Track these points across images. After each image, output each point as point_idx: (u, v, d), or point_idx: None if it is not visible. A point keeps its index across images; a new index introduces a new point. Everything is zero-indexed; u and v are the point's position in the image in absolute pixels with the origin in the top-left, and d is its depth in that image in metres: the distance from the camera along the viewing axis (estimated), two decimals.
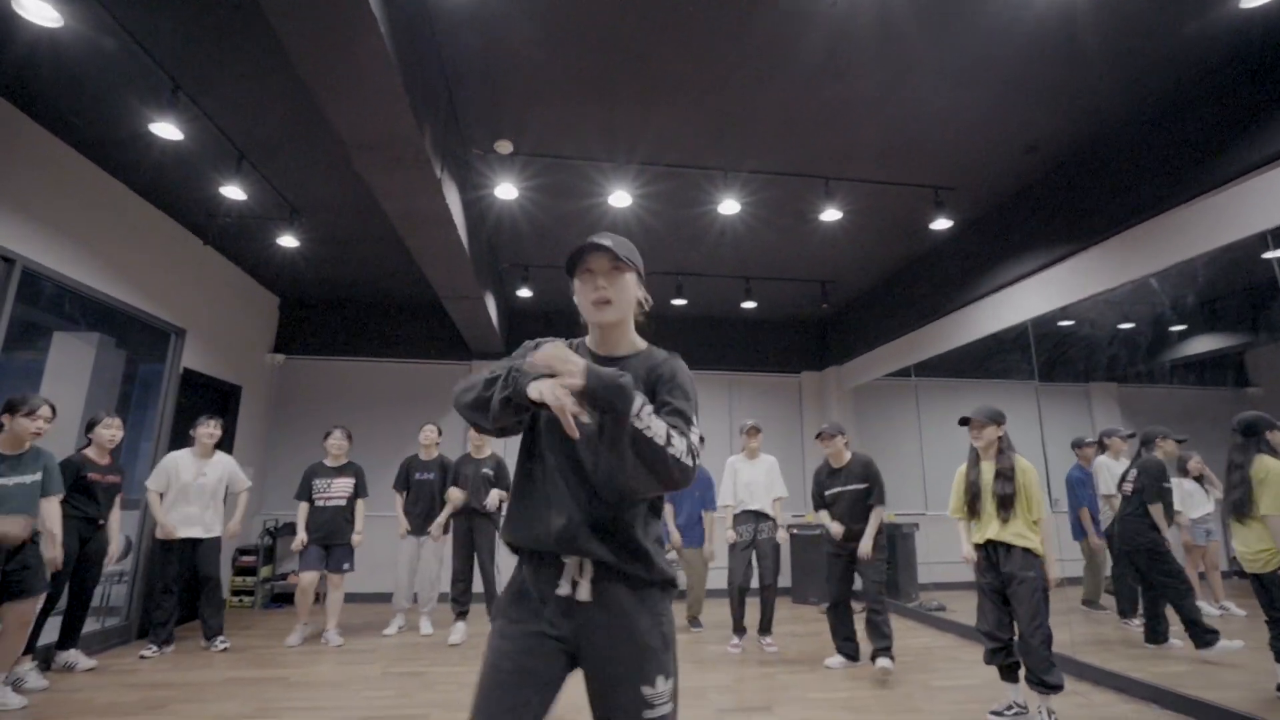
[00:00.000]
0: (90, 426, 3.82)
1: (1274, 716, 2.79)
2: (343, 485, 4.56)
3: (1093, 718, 3.04)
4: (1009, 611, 2.96)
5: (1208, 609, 4.65)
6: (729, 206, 4.11)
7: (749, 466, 4.49)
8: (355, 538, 4.55)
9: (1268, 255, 3.10)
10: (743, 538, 4.37)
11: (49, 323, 4.67)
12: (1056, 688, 2.81)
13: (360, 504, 4.61)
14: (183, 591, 4.21)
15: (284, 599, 5.77)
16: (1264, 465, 3.17)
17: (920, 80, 3.15)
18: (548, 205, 4.40)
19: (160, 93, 3.11)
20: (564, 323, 6.63)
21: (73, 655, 3.69)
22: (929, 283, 5.32)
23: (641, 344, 1.38)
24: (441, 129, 3.14)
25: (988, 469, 3.06)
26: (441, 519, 4.68)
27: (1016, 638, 2.93)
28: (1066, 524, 5.04)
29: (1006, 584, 2.94)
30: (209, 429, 4.29)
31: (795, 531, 6.39)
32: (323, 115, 3.05)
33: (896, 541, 6.01)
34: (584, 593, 1.19)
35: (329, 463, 4.62)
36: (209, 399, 5.40)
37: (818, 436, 4.07)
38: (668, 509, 4.81)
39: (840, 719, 3.00)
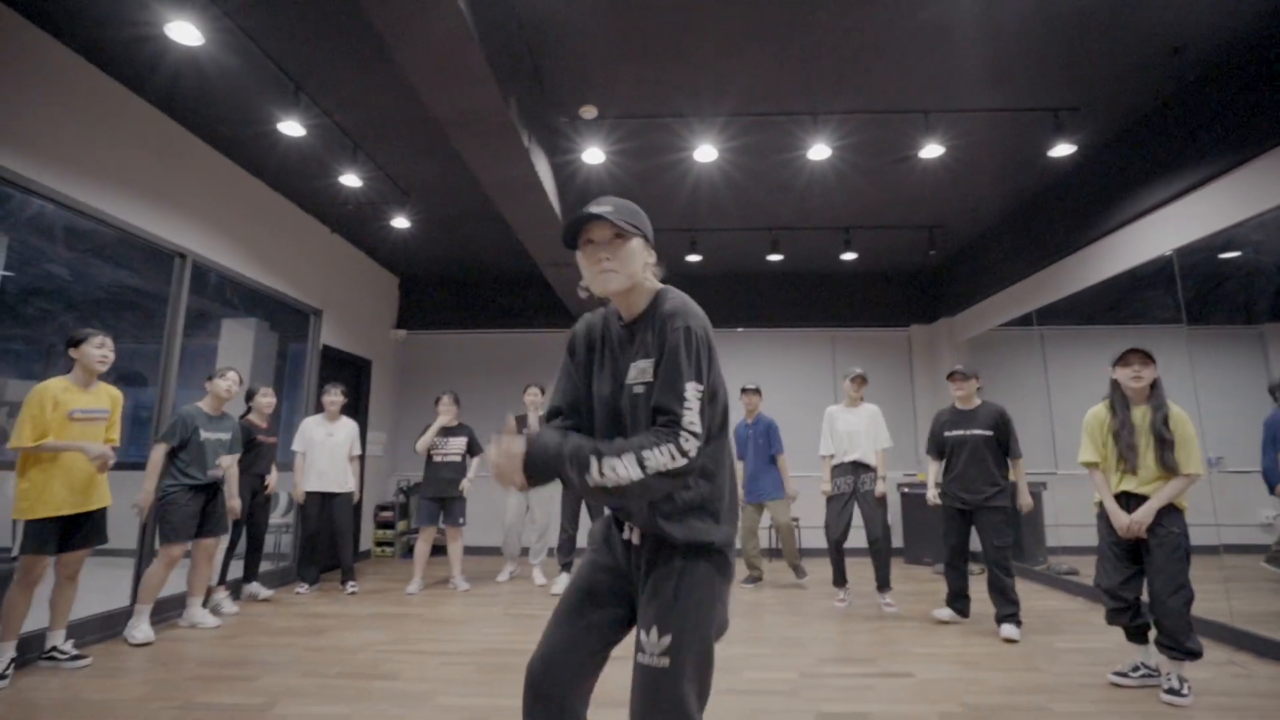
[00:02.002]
0: (250, 396, 4.43)
1: None
2: (457, 444, 4.93)
3: (1246, 688, 2.74)
4: (1135, 569, 2.71)
5: None
6: (819, 152, 3.95)
7: (849, 415, 4.34)
8: (465, 484, 4.86)
9: None
10: (841, 490, 4.27)
11: (217, 311, 5.43)
12: (1194, 654, 2.56)
13: (475, 461, 4.96)
14: (327, 540, 4.79)
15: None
16: None
17: None
18: (634, 166, 4.45)
19: (285, 94, 3.48)
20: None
21: (254, 587, 4.41)
22: (1050, 219, 4.83)
23: (653, 301, 1.33)
24: (526, 99, 3.26)
25: (1140, 414, 2.75)
26: None
27: (1149, 596, 2.68)
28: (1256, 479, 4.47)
29: (1144, 539, 2.68)
30: (332, 396, 4.81)
31: (907, 490, 6.16)
32: (418, 96, 3.26)
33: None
34: (636, 537, 1.30)
35: (442, 423, 4.99)
36: (345, 372, 6.03)
37: (950, 376, 3.88)
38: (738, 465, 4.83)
39: (950, 674, 2.92)
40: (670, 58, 3.31)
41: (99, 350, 2.99)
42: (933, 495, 4.00)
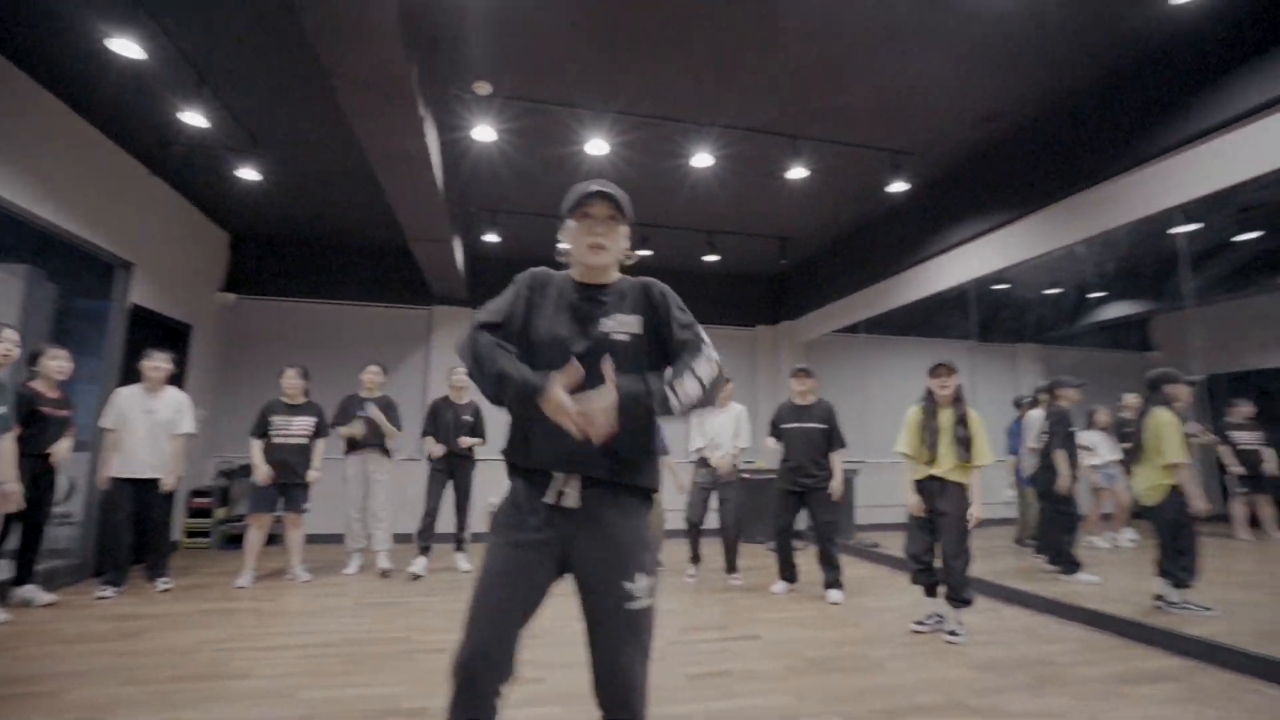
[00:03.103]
0: (34, 359, 3.68)
1: (1148, 619, 3.30)
2: (303, 424, 4.48)
3: (1000, 626, 3.51)
4: (935, 539, 3.35)
5: (1098, 543, 5.32)
6: (702, 160, 4.23)
7: (717, 414, 4.72)
8: (311, 474, 4.47)
9: (1173, 230, 3.49)
10: (703, 480, 4.64)
11: None
12: (969, 602, 3.25)
13: (321, 443, 4.56)
14: (137, 531, 4.13)
15: (239, 540, 5.72)
16: (1156, 418, 3.65)
17: (898, 47, 3.31)
18: (526, 149, 4.40)
19: (119, 7, 2.94)
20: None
21: (30, 590, 3.64)
22: (881, 243, 5.62)
23: (619, 275, 1.51)
24: (425, 66, 3.11)
25: (945, 415, 3.37)
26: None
27: (939, 561, 3.33)
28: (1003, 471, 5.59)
29: (939, 515, 3.31)
30: (154, 362, 4.09)
31: (746, 476, 6.78)
32: (309, 50, 2.98)
33: None
34: (571, 500, 1.33)
35: (286, 400, 4.51)
36: (159, 337, 5.20)
37: (795, 373, 4.32)
38: None
39: (790, 634, 3.35)
40: (572, 47, 3.34)
41: None
42: (771, 442, 4.39)
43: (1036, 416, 4.97)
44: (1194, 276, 3.51)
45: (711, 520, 4.71)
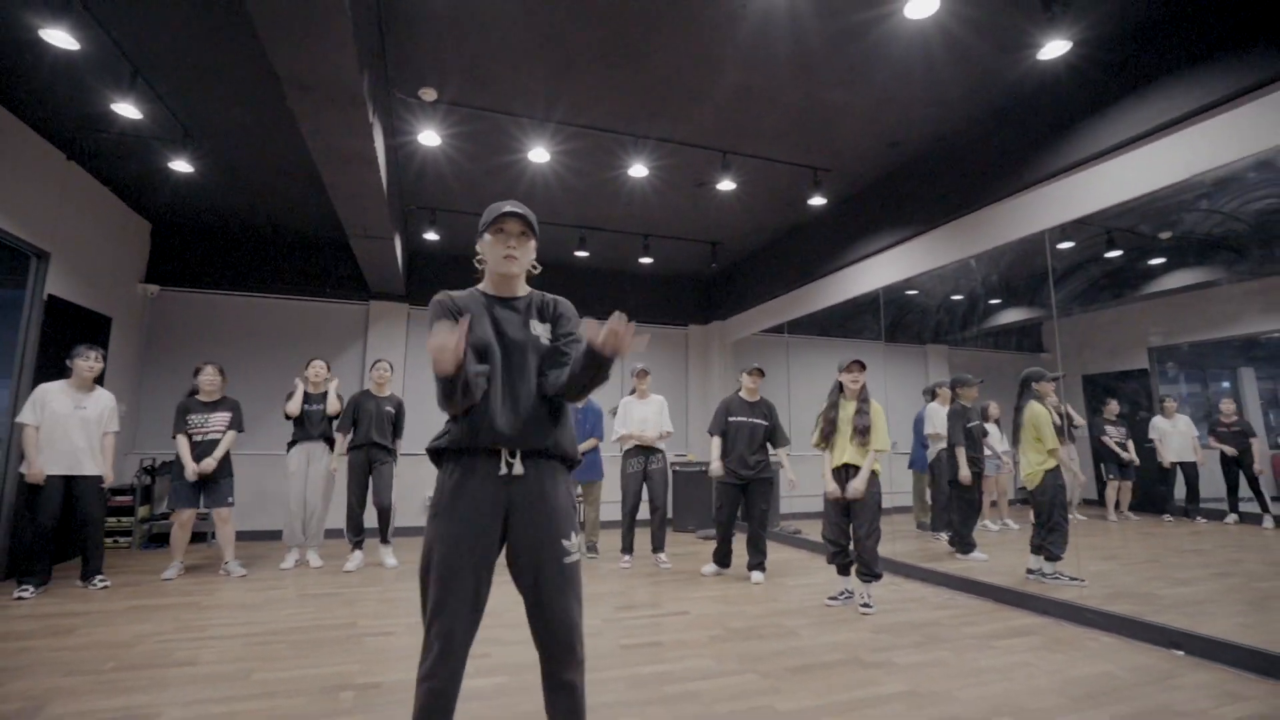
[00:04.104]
0: None
1: (1020, 587, 3.82)
2: (219, 420, 4.47)
3: (901, 597, 3.96)
4: (848, 522, 3.75)
5: (989, 526, 5.97)
6: (638, 170, 4.49)
7: (641, 405, 5.02)
8: (208, 462, 4.31)
9: (1061, 246, 4.04)
10: (634, 469, 4.92)
11: None
12: (878, 576, 3.65)
13: (230, 435, 4.49)
14: (63, 530, 4.03)
15: (163, 539, 5.58)
16: (1031, 410, 4.20)
17: (816, 77, 3.67)
18: (471, 154, 4.53)
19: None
20: (467, 268, 6.75)
21: None
22: (804, 251, 6.06)
23: (528, 289, 1.78)
24: (374, 73, 3.22)
25: (848, 407, 3.75)
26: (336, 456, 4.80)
27: (852, 542, 3.72)
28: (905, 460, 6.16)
29: (852, 499, 3.70)
30: (89, 361, 4.04)
31: (677, 468, 7.12)
32: (251, 47, 3.04)
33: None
34: (519, 469, 1.57)
35: (202, 398, 4.48)
36: (77, 329, 5.00)
37: (750, 371, 4.62)
38: None
39: (715, 609, 3.67)
40: (513, 58, 3.51)
41: None
42: (717, 468, 4.74)
43: (935, 409, 5.51)
44: (1065, 288, 4.07)
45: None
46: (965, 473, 4.79)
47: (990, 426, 5.68)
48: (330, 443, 4.82)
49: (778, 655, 2.87)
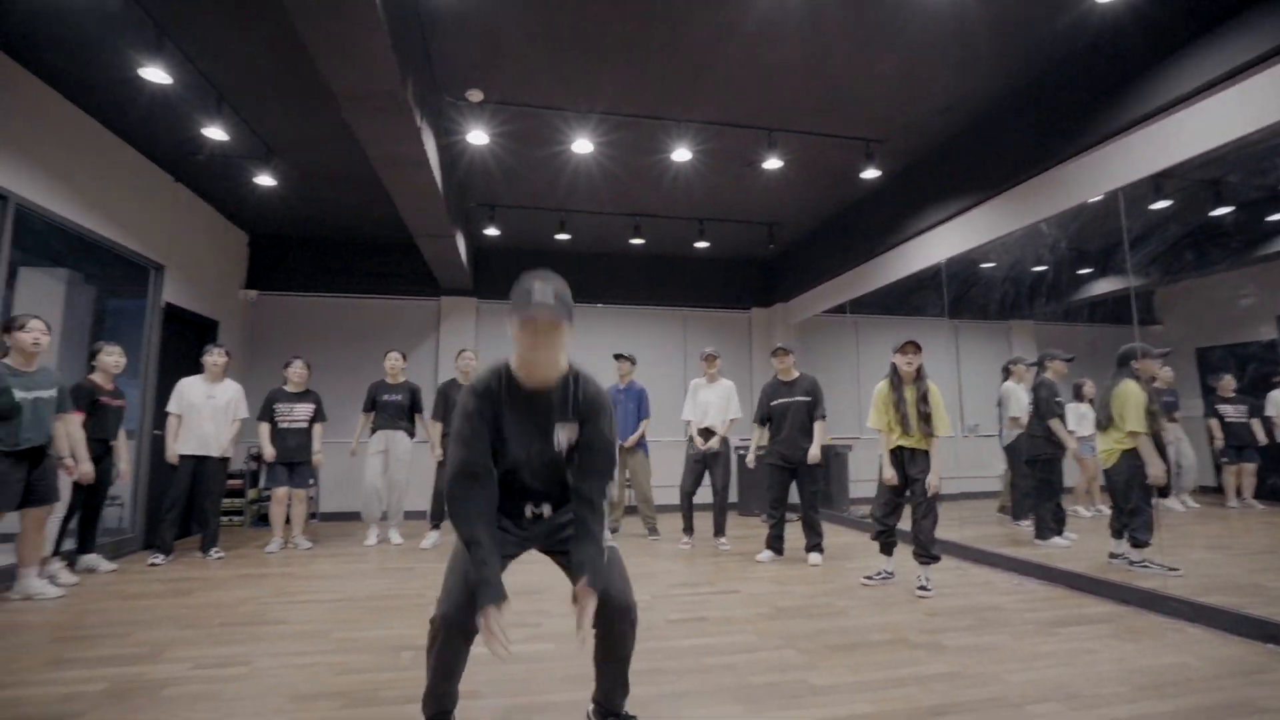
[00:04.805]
0: (93, 355, 4.11)
1: (1100, 574, 3.59)
2: (304, 410, 4.96)
3: (964, 582, 3.81)
4: (900, 504, 3.65)
5: (1082, 512, 5.57)
6: (681, 154, 4.50)
7: (707, 389, 5.05)
8: (316, 458, 4.97)
9: (1154, 206, 3.71)
10: (695, 452, 4.97)
11: (13, 258, 4.80)
12: (936, 559, 3.54)
13: (319, 427, 5.00)
14: (182, 508, 4.60)
15: (264, 519, 6.21)
16: (1123, 388, 3.89)
17: (849, 46, 3.56)
18: (517, 150, 4.72)
19: (146, 37, 3.29)
20: (529, 261, 7.01)
21: (93, 559, 4.12)
22: (862, 227, 5.86)
23: (562, 366, 1.64)
24: (420, 79, 3.42)
25: (909, 392, 3.64)
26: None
27: (911, 520, 3.61)
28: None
29: (910, 481, 3.60)
30: (214, 357, 4.65)
31: (742, 452, 7.10)
32: (315, 68, 3.31)
33: (831, 460, 6.77)
34: (546, 513, 1.77)
35: (289, 389, 4.97)
36: (189, 332, 5.64)
37: (773, 354, 4.59)
38: None
39: (767, 589, 3.68)
40: (554, 54, 3.63)
41: None
42: (752, 458, 4.75)
43: (1011, 389, 5.20)
44: (1168, 252, 3.71)
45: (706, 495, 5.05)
46: (1072, 444, 4.50)
47: (1084, 408, 5.29)
48: (410, 433, 5.18)
49: (821, 633, 2.86)
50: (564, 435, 1.67)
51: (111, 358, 4.11)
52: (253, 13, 3.17)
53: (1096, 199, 3.62)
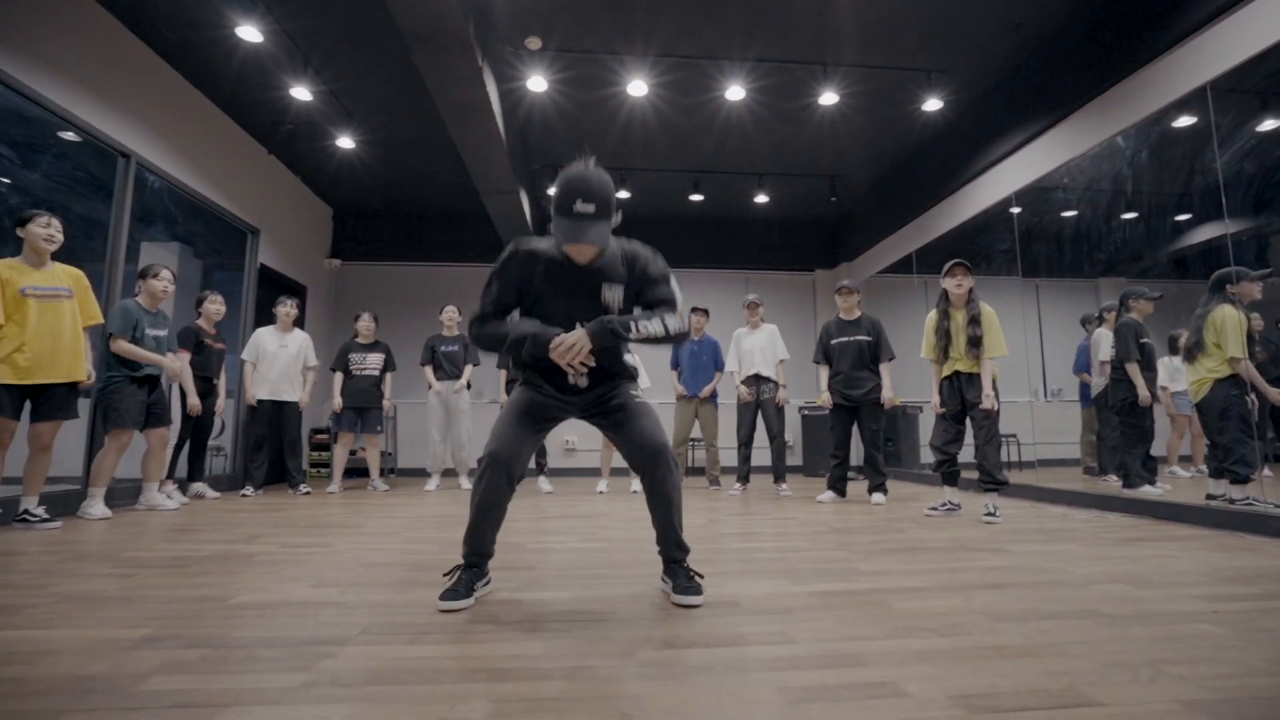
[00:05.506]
0: (199, 303, 4.58)
1: (1195, 503, 3.34)
2: (375, 360, 5.30)
3: (1037, 514, 3.64)
4: (960, 431, 3.53)
5: (1180, 472, 5.14)
6: (735, 93, 4.52)
7: (750, 336, 5.03)
8: (386, 404, 5.30)
9: (1263, 128, 3.40)
10: (746, 399, 4.96)
11: (137, 233, 5.40)
12: (1003, 484, 3.40)
13: (389, 376, 5.34)
14: (269, 450, 5.01)
15: (352, 471, 6.66)
16: (1221, 312, 3.60)
17: None
18: (574, 96, 4.87)
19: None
20: None
21: (201, 487, 4.59)
22: (926, 170, 5.66)
23: (610, 243, 1.74)
24: (481, 22, 3.61)
25: (959, 315, 3.54)
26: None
27: (974, 449, 3.49)
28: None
29: (969, 406, 3.48)
30: (286, 308, 5.03)
31: (807, 413, 7.00)
32: (385, 9, 3.54)
33: (900, 420, 6.57)
34: (584, 383, 1.83)
35: (361, 340, 5.32)
36: (282, 293, 6.13)
37: (838, 290, 4.52)
38: (673, 375, 5.44)
39: (824, 518, 3.65)
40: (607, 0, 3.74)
41: (45, 229, 3.06)
42: (827, 397, 4.70)
43: (1103, 334, 4.86)
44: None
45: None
46: (1145, 393, 4.21)
47: (1178, 361, 4.88)
48: (468, 385, 5.43)
49: (876, 542, 2.82)
50: (610, 295, 1.77)
51: (215, 305, 4.56)
52: None
53: (1187, 123, 3.38)
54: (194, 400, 4.16)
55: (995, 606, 1.72)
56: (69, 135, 3.84)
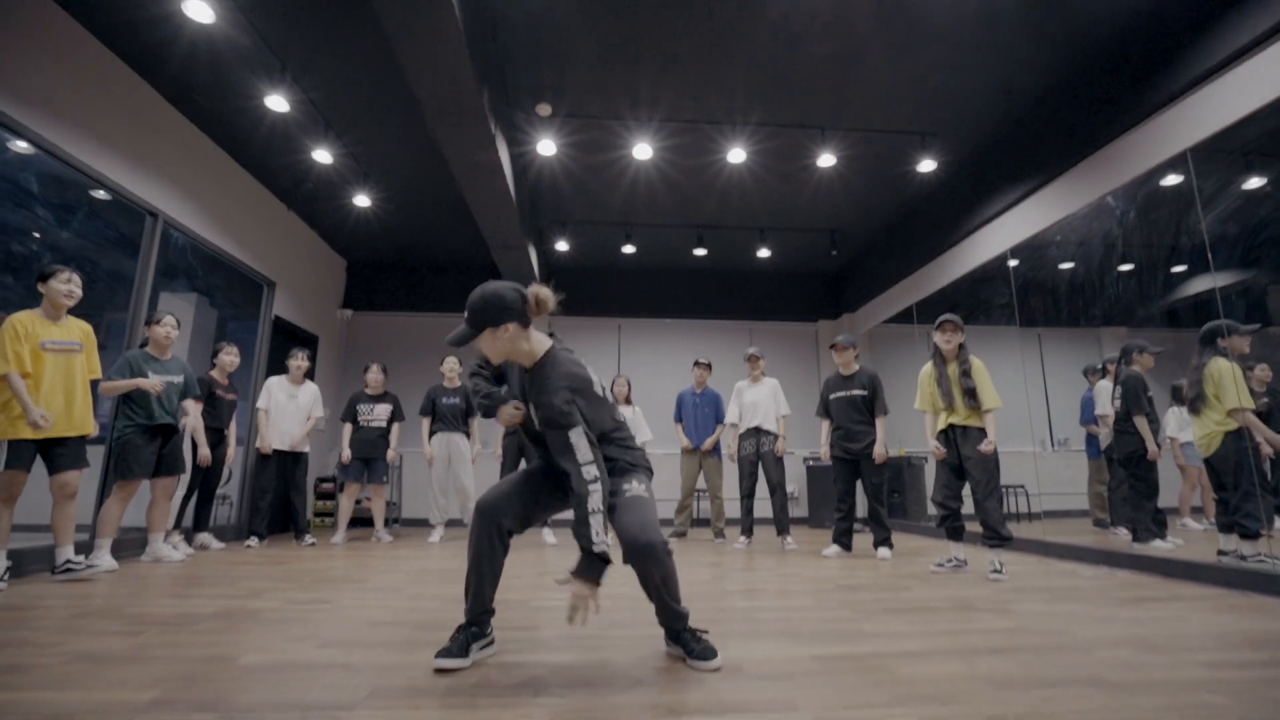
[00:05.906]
0: (215, 354, 4.68)
1: (1203, 560, 3.31)
2: (382, 411, 5.34)
3: (1046, 570, 3.60)
4: (960, 484, 3.54)
5: (1191, 524, 5.08)
6: (736, 155, 4.71)
7: (752, 389, 5.09)
8: (390, 453, 5.31)
9: (1246, 185, 3.53)
10: (746, 452, 4.99)
11: (158, 285, 5.57)
12: (1007, 539, 3.38)
13: (397, 426, 5.38)
14: (275, 499, 5.01)
15: (357, 521, 6.64)
16: (1216, 365, 3.65)
17: (911, 31, 3.67)
18: (581, 159, 5.08)
19: (270, 67, 3.87)
20: (600, 275, 7.34)
21: (206, 537, 4.60)
22: (923, 225, 5.81)
23: (539, 351, 1.82)
24: (494, 92, 3.82)
25: (952, 369, 3.60)
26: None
27: (974, 504, 3.49)
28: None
29: (965, 459, 3.50)
30: (298, 361, 5.11)
31: (812, 464, 6.99)
32: (404, 82, 3.76)
33: (905, 472, 6.54)
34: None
35: (369, 391, 5.37)
36: (294, 345, 6.25)
37: (832, 346, 4.60)
38: (678, 427, 5.48)
39: (829, 574, 3.63)
40: (616, 66, 3.96)
41: (65, 285, 3.15)
42: (826, 452, 4.72)
43: (1104, 386, 4.90)
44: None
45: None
46: (1154, 447, 4.21)
47: (1185, 411, 4.89)
48: (466, 433, 5.47)
49: (880, 601, 2.81)
50: (532, 409, 1.83)
51: (230, 356, 4.67)
52: (354, 40, 3.67)
53: (1174, 181, 3.51)
54: (205, 451, 4.22)
55: (998, 672, 1.72)
56: (100, 194, 4.01)
